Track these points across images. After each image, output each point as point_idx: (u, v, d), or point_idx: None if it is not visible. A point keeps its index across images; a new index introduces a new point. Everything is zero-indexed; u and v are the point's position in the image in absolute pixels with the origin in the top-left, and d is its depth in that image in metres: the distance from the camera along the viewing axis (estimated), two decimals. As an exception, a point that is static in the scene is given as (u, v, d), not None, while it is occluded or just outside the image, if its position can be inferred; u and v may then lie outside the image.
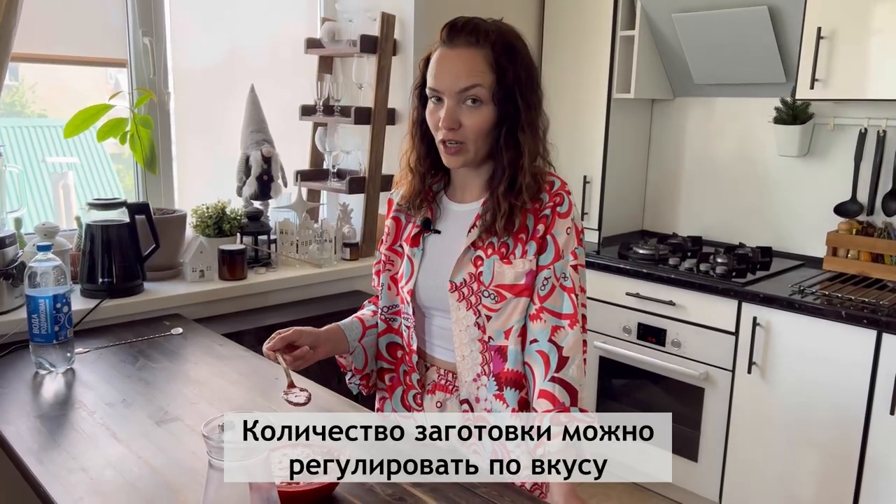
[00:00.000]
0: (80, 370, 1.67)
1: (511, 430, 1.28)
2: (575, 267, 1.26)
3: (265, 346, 1.29)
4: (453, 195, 1.35)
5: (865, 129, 2.65)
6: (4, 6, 1.87)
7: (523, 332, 1.26)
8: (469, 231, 1.29)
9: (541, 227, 1.25)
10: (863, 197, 2.69)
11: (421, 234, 1.35)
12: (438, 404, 1.36)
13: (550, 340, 1.23)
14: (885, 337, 2.15)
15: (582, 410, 1.22)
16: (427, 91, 1.25)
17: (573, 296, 1.25)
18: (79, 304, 1.97)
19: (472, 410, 1.32)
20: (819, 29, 2.42)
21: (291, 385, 1.25)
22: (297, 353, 1.29)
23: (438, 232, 1.33)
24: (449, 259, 1.29)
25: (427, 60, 1.26)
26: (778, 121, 2.81)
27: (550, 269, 1.25)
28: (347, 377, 1.46)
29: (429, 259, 1.33)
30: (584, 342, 1.28)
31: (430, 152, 1.31)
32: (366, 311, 1.47)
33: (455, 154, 1.24)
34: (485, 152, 1.26)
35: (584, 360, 1.28)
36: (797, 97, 2.55)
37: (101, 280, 2.04)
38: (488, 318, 1.26)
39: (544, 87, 1.30)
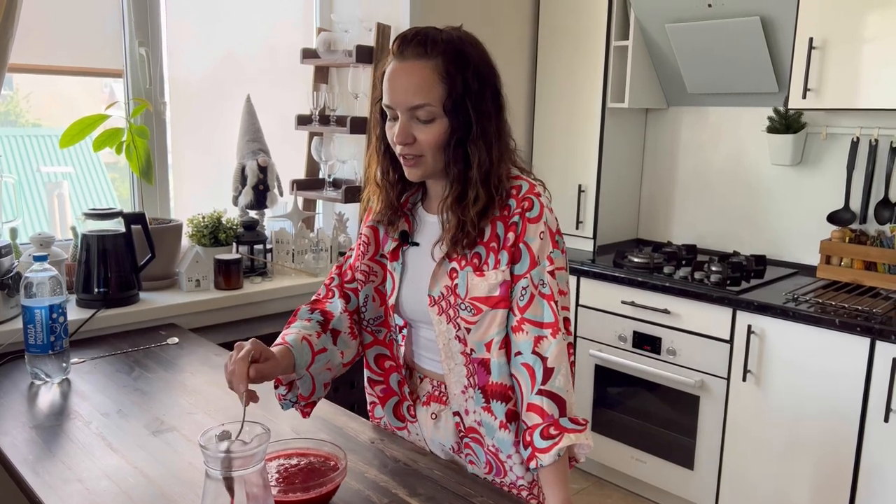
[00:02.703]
0: (76, 380, 1.67)
1: (501, 442, 1.27)
2: (552, 272, 1.22)
3: (235, 376, 1.11)
4: (428, 207, 1.33)
5: (857, 139, 2.67)
6: (2, 15, 1.88)
7: (507, 344, 1.24)
8: (442, 242, 1.26)
9: (511, 236, 1.21)
10: (855, 205, 2.71)
11: (400, 247, 1.33)
12: (433, 416, 1.36)
13: (534, 352, 1.20)
14: (879, 344, 2.17)
15: (572, 420, 1.20)
16: (383, 106, 1.23)
17: (552, 303, 1.21)
18: (74, 314, 1.97)
19: (463, 422, 1.32)
20: (811, 39, 2.45)
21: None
22: (263, 369, 1.14)
23: (417, 244, 1.32)
24: (427, 272, 1.28)
25: (384, 73, 1.23)
26: (771, 130, 2.84)
27: (528, 277, 1.21)
28: (280, 391, 1.30)
29: (409, 273, 1.32)
30: (570, 345, 1.25)
31: (396, 166, 1.28)
32: (310, 330, 1.31)
33: (413, 167, 1.23)
34: (443, 163, 1.23)
35: (573, 362, 1.25)
36: (790, 107, 2.57)
37: (96, 290, 2.04)
38: (468, 330, 1.24)
39: (539, 97, 1.29)
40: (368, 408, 1.47)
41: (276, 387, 1.30)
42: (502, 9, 3.03)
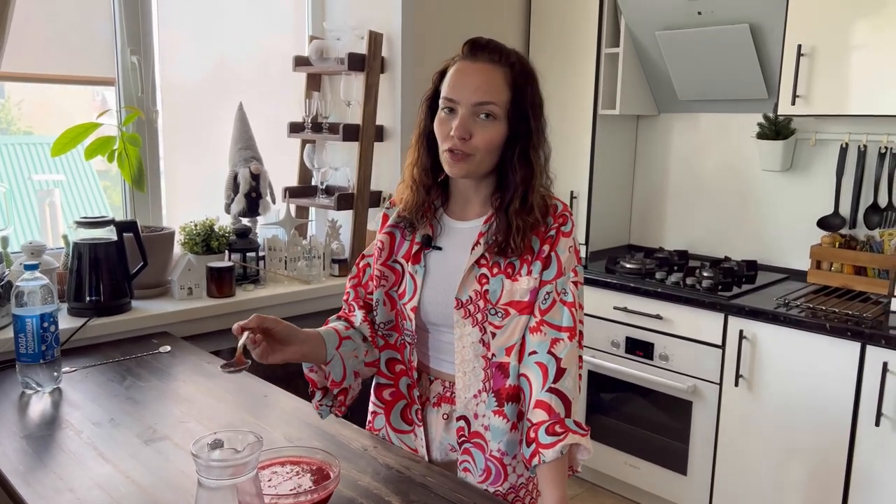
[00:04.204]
0: (68, 389, 1.66)
1: (510, 444, 1.29)
2: (575, 283, 1.29)
3: (237, 324, 1.19)
4: (452, 212, 1.36)
5: (846, 144, 2.70)
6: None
7: (522, 349, 1.28)
8: (472, 249, 1.30)
9: (546, 248, 1.28)
10: (845, 210, 2.73)
11: (422, 251, 1.35)
12: (445, 416, 1.37)
13: (549, 352, 1.25)
14: (869, 349, 2.18)
15: (576, 422, 1.24)
16: (441, 101, 1.27)
17: (573, 310, 1.27)
18: (66, 322, 1.96)
19: (469, 427, 1.33)
20: (799, 46, 2.47)
21: (239, 359, 1.17)
22: (267, 334, 1.22)
23: (440, 248, 1.34)
24: (453, 276, 1.30)
25: (442, 74, 1.29)
26: (761, 136, 2.86)
27: (553, 284, 1.27)
28: (317, 398, 1.34)
29: (432, 276, 1.34)
30: (580, 357, 1.30)
31: (436, 165, 1.32)
32: (338, 324, 1.38)
33: (459, 162, 1.25)
34: (487, 167, 1.28)
35: (580, 375, 1.30)
36: (779, 113, 2.59)
37: (88, 298, 2.03)
38: (493, 334, 1.28)
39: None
40: (369, 418, 1.48)
41: (312, 395, 1.35)
42: (493, 16, 3.05)
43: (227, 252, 2.46)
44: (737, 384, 2.48)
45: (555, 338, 1.25)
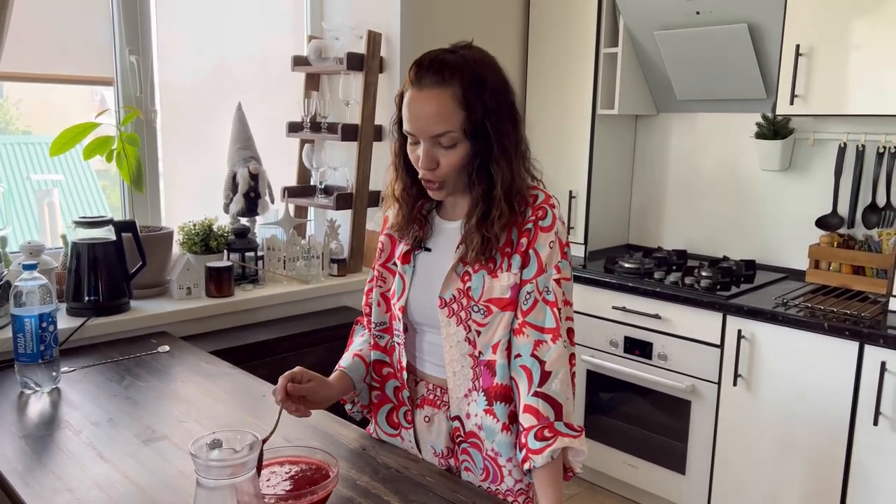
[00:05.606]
0: (66, 389, 1.66)
1: (501, 445, 1.29)
2: (558, 280, 1.26)
3: (278, 399, 1.28)
4: (444, 213, 1.37)
5: (845, 144, 2.70)
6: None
7: (510, 347, 1.27)
8: (458, 247, 1.30)
9: (524, 241, 1.26)
10: (843, 210, 2.74)
11: (412, 252, 1.36)
12: (426, 419, 1.37)
13: (533, 355, 1.23)
14: (867, 348, 2.18)
15: (567, 425, 1.22)
16: (404, 130, 1.26)
17: (556, 310, 1.25)
18: (64, 322, 1.96)
19: (464, 426, 1.32)
20: (797, 46, 2.47)
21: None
22: (300, 388, 1.30)
23: (429, 249, 1.35)
24: (438, 275, 1.31)
25: (402, 96, 1.26)
26: (759, 136, 2.86)
27: (533, 283, 1.25)
28: (348, 408, 1.48)
29: (419, 276, 1.34)
30: (572, 355, 1.28)
31: (416, 182, 1.32)
32: (363, 346, 1.46)
33: (437, 190, 1.27)
34: (465, 181, 1.27)
35: (573, 373, 1.28)
36: (777, 113, 2.59)
37: (87, 298, 2.03)
38: (478, 332, 1.27)
39: (529, 104, 1.31)
40: (369, 416, 1.49)
41: (343, 404, 1.47)
42: (492, 16, 3.05)
43: (225, 252, 2.46)
44: (735, 383, 2.48)
45: (538, 340, 1.24)
